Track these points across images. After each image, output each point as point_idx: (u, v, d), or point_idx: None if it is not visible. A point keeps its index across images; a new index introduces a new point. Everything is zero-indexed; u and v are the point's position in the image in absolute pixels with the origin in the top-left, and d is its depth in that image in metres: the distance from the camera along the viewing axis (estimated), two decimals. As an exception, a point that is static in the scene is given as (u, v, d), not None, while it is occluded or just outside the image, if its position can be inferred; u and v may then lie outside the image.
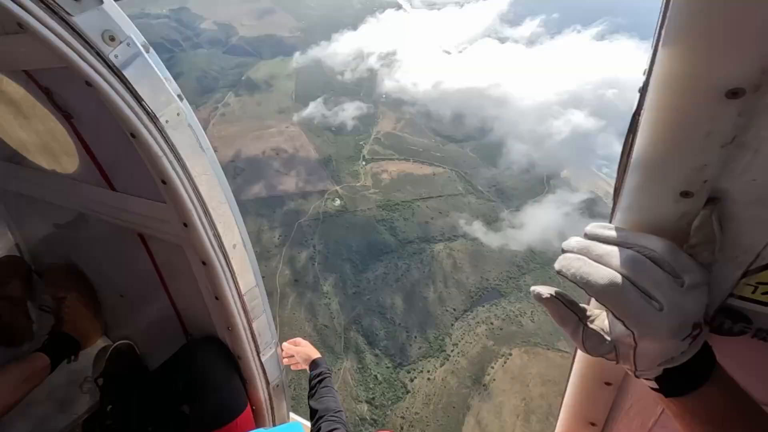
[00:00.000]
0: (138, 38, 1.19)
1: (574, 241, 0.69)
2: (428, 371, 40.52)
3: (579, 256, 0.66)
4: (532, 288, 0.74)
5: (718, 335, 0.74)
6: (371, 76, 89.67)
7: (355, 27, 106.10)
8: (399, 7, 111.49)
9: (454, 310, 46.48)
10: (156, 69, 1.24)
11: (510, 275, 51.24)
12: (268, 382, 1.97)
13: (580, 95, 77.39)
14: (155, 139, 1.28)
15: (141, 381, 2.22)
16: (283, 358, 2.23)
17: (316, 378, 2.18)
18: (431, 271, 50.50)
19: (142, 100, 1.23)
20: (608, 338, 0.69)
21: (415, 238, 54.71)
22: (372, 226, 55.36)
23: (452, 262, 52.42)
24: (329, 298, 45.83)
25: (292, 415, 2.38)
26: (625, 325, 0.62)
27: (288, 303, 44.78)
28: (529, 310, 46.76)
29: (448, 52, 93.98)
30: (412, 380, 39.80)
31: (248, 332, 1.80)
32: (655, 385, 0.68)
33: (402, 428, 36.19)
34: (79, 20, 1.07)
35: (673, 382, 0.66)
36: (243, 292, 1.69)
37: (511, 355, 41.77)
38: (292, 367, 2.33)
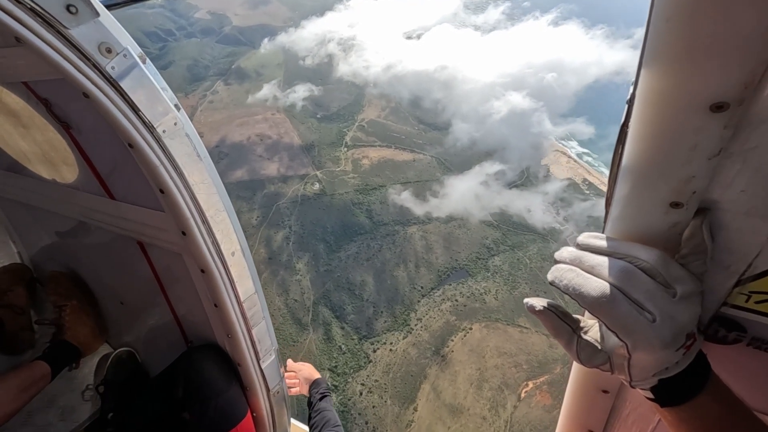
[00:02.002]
0: (134, 49, 1.22)
1: (567, 251, 0.69)
2: (391, 343, 42.71)
3: (571, 267, 0.66)
4: (525, 300, 0.74)
5: (713, 344, 0.74)
6: (330, 61, 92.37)
7: (322, 14, 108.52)
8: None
9: (422, 288, 48.51)
10: (153, 79, 1.27)
11: (479, 256, 53.11)
12: (268, 389, 1.99)
13: (521, 78, 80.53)
14: (152, 148, 1.31)
15: (142, 388, 2.23)
16: (287, 379, 2.33)
17: (317, 395, 2.25)
18: (402, 252, 52.46)
19: (139, 110, 1.25)
20: (602, 349, 0.70)
21: (389, 220, 56.63)
22: (348, 209, 57.32)
23: (424, 243, 54.31)
24: (301, 275, 48.03)
25: (293, 421, 2.43)
26: (618, 337, 0.61)
27: (261, 279, 45.97)
28: (494, 289, 48.75)
29: (410, 38, 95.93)
30: (375, 351, 42.03)
31: (248, 339, 1.81)
32: (651, 395, 0.68)
33: (361, 394, 38.46)
34: (76, 33, 1.10)
35: (668, 392, 0.66)
36: (242, 299, 1.72)
37: (471, 329, 43.85)
38: (293, 392, 2.39)
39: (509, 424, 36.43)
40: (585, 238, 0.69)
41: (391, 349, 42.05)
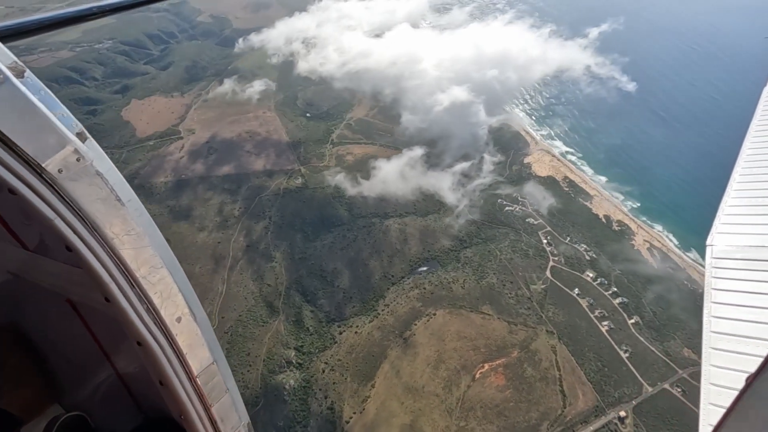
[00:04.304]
0: (3, 58, 0.97)
1: None
2: (357, 326, 44.95)
3: None
4: None
5: None
6: (294, 59, 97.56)
7: (291, 14, 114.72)
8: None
9: (393, 276, 50.69)
10: (35, 101, 0.97)
11: (452, 248, 55.15)
12: None
13: (466, 73, 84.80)
14: (41, 195, 1.01)
15: None
16: None
17: None
18: (377, 243, 54.68)
19: (14, 144, 0.94)
20: None
21: (368, 213, 58.95)
22: (328, 202, 59.80)
23: (400, 235, 56.43)
24: (277, 262, 50.57)
25: None
26: None
27: (237, 265, 49.68)
28: (462, 278, 50.75)
29: (371, 37, 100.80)
30: (341, 333, 44.33)
31: (206, 420, 1.55)
32: None
33: (323, 371, 40.74)
34: None
35: None
36: (196, 373, 1.46)
37: (435, 314, 45.90)
38: None
39: (461, 401, 38.39)
40: None
41: (356, 332, 44.29)
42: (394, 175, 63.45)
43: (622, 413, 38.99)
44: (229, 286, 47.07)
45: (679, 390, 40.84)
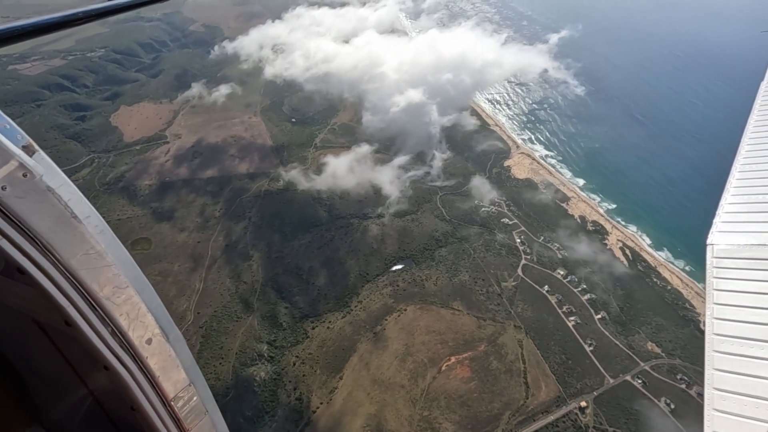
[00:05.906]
0: None
1: None
2: (330, 322, 46.25)
3: None
4: None
5: None
6: (262, 65, 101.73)
7: (264, 22, 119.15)
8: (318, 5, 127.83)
9: (368, 274, 52.07)
10: None
11: (427, 247, 56.61)
12: None
13: (422, 77, 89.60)
14: None
15: None
16: None
17: None
18: (354, 242, 56.15)
19: None
20: None
21: (347, 214, 60.51)
22: (308, 203, 61.37)
23: (377, 235, 57.88)
24: (254, 261, 51.99)
25: None
26: None
27: (216, 264, 51.08)
28: (434, 276, 52.16)
29: (338, 42, 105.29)
30: (313, 328, 45.61)
31: None
32: None
33: (294, 364, 41.98)
34: None
35: None
36: (170, 396, 1.42)
37: (406, 310, 47.23)
38: None
39: (426, 392, 39.61)
40: None
41: (328, 327, 45.59)
42: (344, 171, 67.10)
43: (583, 403, 40.20)
44: (206, 283, 48.48)
45: (639, 381, 42.10)
